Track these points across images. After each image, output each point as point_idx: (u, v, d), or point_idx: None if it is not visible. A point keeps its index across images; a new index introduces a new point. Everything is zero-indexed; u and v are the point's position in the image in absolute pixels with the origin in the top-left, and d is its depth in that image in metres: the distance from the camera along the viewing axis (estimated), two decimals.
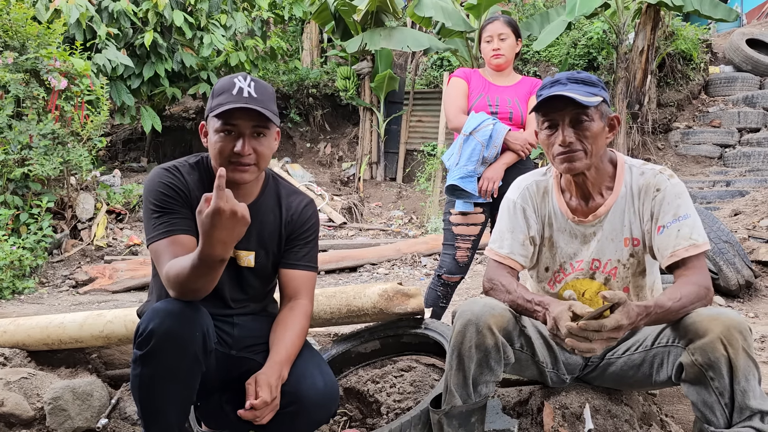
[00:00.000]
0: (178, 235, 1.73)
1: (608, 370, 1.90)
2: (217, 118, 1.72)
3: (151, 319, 1.61)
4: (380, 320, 2.39)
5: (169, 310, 1.61)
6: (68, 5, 6.90)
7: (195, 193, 1.81)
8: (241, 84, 1.73)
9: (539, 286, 2.03)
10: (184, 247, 1.70)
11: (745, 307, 4.32)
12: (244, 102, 1.70)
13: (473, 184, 2.88)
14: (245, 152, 1.72)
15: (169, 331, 1.59)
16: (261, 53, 10.00)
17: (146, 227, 1.77)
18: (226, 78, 1.77)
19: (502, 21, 3.00)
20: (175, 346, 1.60)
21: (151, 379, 1.63)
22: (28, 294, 5.10)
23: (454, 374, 1.75)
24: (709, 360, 1.54)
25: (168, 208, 1.75)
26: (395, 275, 6.08)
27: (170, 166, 1.83)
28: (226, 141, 1.73)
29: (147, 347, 1.60)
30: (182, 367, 1.63)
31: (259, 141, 1.76)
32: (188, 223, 1.75)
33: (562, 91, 1.73)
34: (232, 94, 1.71)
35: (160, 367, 1.62)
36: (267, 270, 1.94)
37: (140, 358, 1.62)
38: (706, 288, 1.67)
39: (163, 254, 1.69)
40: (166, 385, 1.64)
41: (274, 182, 1.97)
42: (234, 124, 1.72)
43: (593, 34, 9.78)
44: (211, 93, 1.78)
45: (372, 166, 10.57)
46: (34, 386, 2.35)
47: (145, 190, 1.80)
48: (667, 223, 1.76)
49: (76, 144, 5.98)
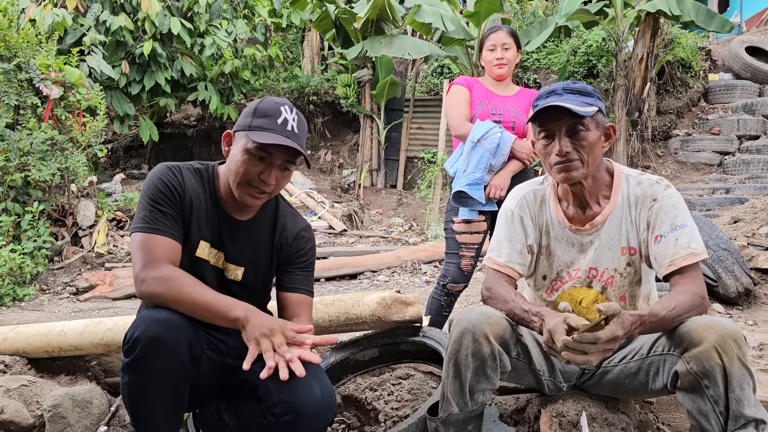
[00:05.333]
0: (160, 235, 1.74)
1: (605, 378, 1.91)
2: (252, 137, 1.71)
3: (137, 326, 1.63)
4: (378, 328, 2.40)
5: (154, 317, 1.63)
6: (42, 13, 6.89)
7: (189, 195, 1.81)
8: (286, 115, 1.73)
9: (537, 294, 2.05)
10: (166, 248, 1.72)
11: (744, 315, 4.32)
12: (287, 136, 1.71)
13: (480, 191, 2.90)
14: (270, 182, 1.74)
15: (154, 337, 1.60)
16: (260, 61, 10.04)
17: (136, 215, 1.78)
18: (271, 101, 1.77)
19: (505, 31, 3.02)
20: (161, 352, 1.61)
21: (139, 386, 1.65)
22: (28, 301, 5.11)
23: (450, 382, 1.76)
24: (704, 368, 1.55)
25: (160, 206, 1.76)
26: (395, 282, 6.08)
27: (174, 166, 1.84)
28: (254, 164, 1.73)
29: (133, 354, 1.61)
30: (169, 373, 1.64)
31: (283, 174, 1.78)
32: (174, 225, 1.76)
33: (558, 101, 1.75)
34: (277, 123, 1.72)
35: (147, 374, 1.63)
36: (256, 285, 1.95)
37: (128, 365, 1.64)
38: (701, 297, 1.68)
39: (144, 246, 1.71)
40: (155, 392, 1.65)
41: (274, 201, 1.98)
42: (269, 153, 1.73)
43: (592, 42, 9.81)
44: (252, 109, 1.77)
45: (372, 173, 10.59)
46: (33, 394, 2.36)
47: (146, 182, 1.81)
48: (664, 232, 1.77)
49: (74, 150, 6.00)
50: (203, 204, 1.85)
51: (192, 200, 1.82)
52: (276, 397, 1.74)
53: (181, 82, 9.08)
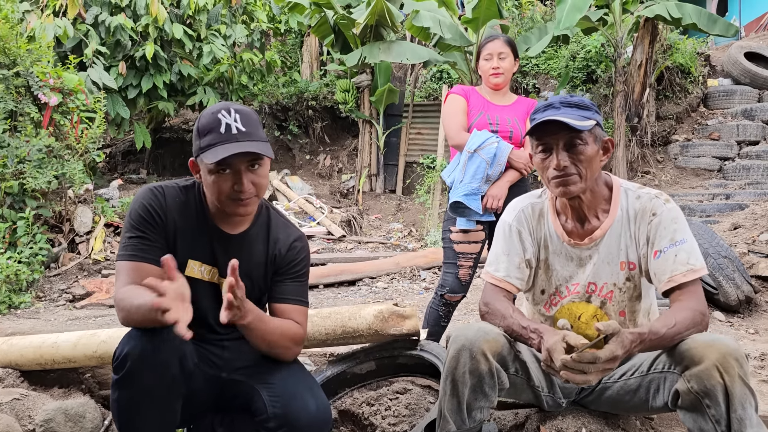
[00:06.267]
0: (141, 262, 1.72)
1: (604, 394, 1.88)
2: (207, 159, 1.68)
3: (126, 342, 1.60)
4: (375, 341, 2.37)
5: (144, 332, 1.60)
6: (43, 25, 6.87)
7: (173, 216, 1.80)
8: (226, 120, 1.68)
9: (535, 309, 2.02)
10: (143, 274, 1.67)
11: (745, 323, 4.30)
12: (234, 141, 1.66)
13: (477, 201, 2.88)
14: (246, 189, 1.71)
15: (144, 353, 1.57)
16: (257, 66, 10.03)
17: (120, 242, 1.77)
18: (208, 113, 1.72)
19: (502, 40, 3.01)
20: (151, 368, 1.58)
21: (129, 403, 1.62)
22: (24, 308, 5.08)
23: (448, 400, 1.73)
24: (705, 387, 1.52)
25: (142, 232, 1.75)
26: (394, 289, 6.06)
27: (157, 188, 1.82)
28: (223, 180, 1.70)
29: (123, 370, 1.59)
30: (160, 389, 1.61)
31: (255, 173, 1.74)
32: (155, 251, 1.73)
33: (555, 115, 1.72)
34: (221, 133, 1.67)
35: (137, 391, 1.60)
36: (251, 299, 1.92)
37: (117, 382, 1.61)
38: (701, 313, 1.66)
39: (122, 275, 1.71)
40: (145, 409, 1.62)
41: (266, 212, 1.96)
42: (228, 164, 1.69)
43: (591, 48, 9.80)
44: (196, 130, 1.74)
45: (371, 179, 10.57)
46: (26, 407, 2.33)
47: (130, 207, 1.80)
48: (663, 247, 1.75)
49: (71, 157, 5.98)
50: (191, 222, 1.83)
51: (176, 221, 1.80)
52: (270, 412, 1.74)
53: (179, 87, 9.06)
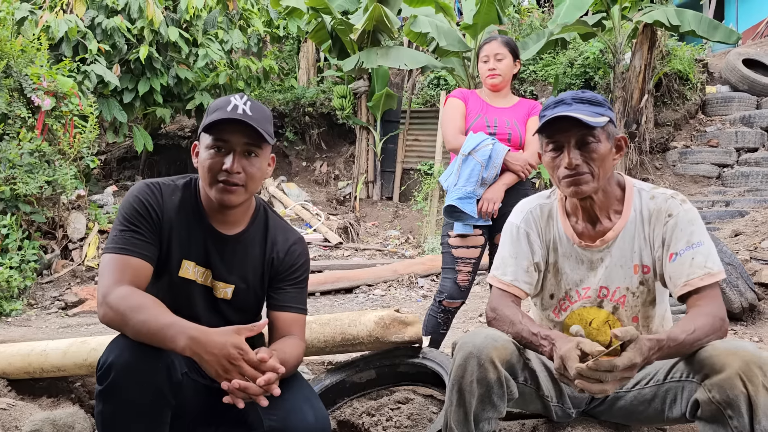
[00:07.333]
0: (131, 257, 1.64)
1: (617, 404, 1.80)
2: (209, 132, 1.66)
3: (111, 351, 1.51)
4: (376, 349, 2.29)
5: (129, 341, 1.51)
6: (56, 20, 6.86)
7: (169, 214, 1.73)
8: (236, 102, 1.67)
9: (543, 315, 1.94)
10: (133, 270, 1.63)
11: (749, 331, 4.23)
12: (238, 117, 1.63)
13: (472, 205, 2.81)
14: (234, 169, 1.65)
15: (129, 363, 1.48)
16: (254, 73, 9.97)
17: (110, 234, 1.70)
18: (223, 98, 1.72)
19: (499, 41, 2.95)
20: (136, 379, 1.49)
21: (113, 417, 1.52)
22: (15, 316, 4.99)
23: (454, 410, 1.65)
24: (728, 397, 1.44)
25: (135, 226, 1.68)
26: (392, 297, 5.98)
27: (153, 183, 1.76)
28: (217, 158, 1.66)
29: (107, 381, 1.49)
30: (145, 402, 1.51)
31: (250, 161, 1.69)
32: (147, 247, 1.68)
33: (567, 111, 1.65)
34: (227, 111, 1.65)
35: (121, 403, 1.50)
36: (247, 304, 1.85)
37: (101, 393, 1.51)
38: (721, 319, 1.58)
39: (109, 269, 1.62)
40: (130, 423, 1.52)
41: (264, 214, 1.88)
42: (225, 139, 1.66)
43: (589, 54, 9.78)
44: (206, 112, 1.72)
45: (368, 185, 10.50)
46: (13, 418, 2.24)
47: (124, 199, 1.73)
48: (680, 250, 1.67)
49: (62, 163, 5.89)
50: (186, 221, 1.76)
51: (172, 218, 1.73)
52: (266, 424, 1.65)
53: (176, 92, 8.99)
